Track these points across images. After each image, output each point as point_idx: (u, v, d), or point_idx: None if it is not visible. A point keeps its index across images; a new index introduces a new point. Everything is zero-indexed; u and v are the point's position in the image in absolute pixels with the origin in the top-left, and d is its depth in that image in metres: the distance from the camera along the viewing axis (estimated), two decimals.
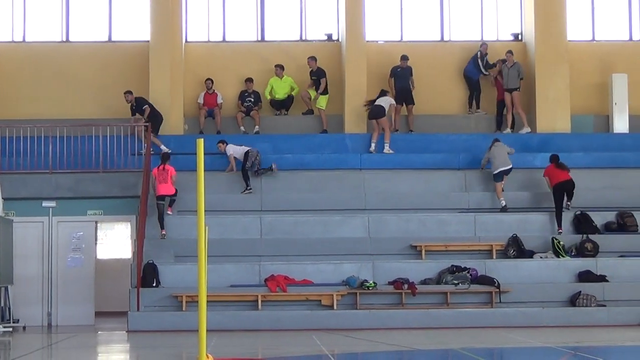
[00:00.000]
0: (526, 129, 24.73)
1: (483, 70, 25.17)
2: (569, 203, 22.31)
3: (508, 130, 24.75)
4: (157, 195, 21.68)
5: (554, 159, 22.52)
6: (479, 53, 25.23)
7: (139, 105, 23.87)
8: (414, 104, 24.90)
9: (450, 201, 22.82)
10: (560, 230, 22.00)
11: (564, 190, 22.24)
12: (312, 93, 25.00)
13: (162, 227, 21.63)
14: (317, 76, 24.92)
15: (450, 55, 25.67)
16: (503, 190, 22.62)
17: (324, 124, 24.95)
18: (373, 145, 24.10)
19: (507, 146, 23.00)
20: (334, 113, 25.14)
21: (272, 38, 26.01)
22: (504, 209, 22.41)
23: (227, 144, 23.11)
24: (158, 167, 21.88)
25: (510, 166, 22.71)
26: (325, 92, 24.86)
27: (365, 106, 24.25)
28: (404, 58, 24.84)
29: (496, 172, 22.67)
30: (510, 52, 24.86)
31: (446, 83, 25.43)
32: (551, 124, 24.83)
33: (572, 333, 18.36)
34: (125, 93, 23.95)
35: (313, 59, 24.90)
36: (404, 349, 16.19)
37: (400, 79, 24.83)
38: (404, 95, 24.82)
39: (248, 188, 22.62)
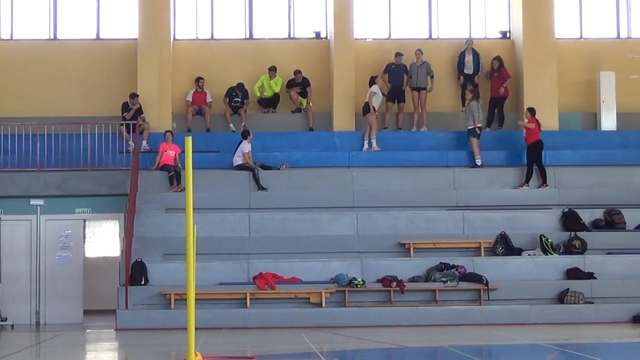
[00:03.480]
0: (424, 128, 24.90)
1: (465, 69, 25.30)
2: (546, 185, 23.02)
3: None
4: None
5: (535, 112, 23.37)
6: (465, 50, 25.29)
7: (140, 110, 23.89)
8: (404, 102, 24.92)
9: (439, 199, 22.85)
10: (527, 186, 22.95)
11: (539, 150, 23.10)
12: (303, 101, 25.05)
13: (178, 183, 22.48)
14: (303, 86, 24.96)
15: (439, 53, 25.66)
16: None
17: (310, 121, 24.96)
18: (366, 143, 24.13)
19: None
20: (322, 111, 25.15)
21: (260, 36, 26.00)
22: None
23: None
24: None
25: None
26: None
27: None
28: (399, 55, 24.86)
29: (478, 126, 23.62)
30: (419, 50, 24.91)
31: (435, 81, 25.40)
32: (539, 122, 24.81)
33: (560, 330, 18.40)
34: (132, 97, 23.88)
35: (299, 72, 24.92)
36: (392, 346, 16.21)
37: (394, 77, 24.85)
38: (396, 93, 24.83)
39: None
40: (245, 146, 23.15)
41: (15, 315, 21.93)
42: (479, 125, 23.72)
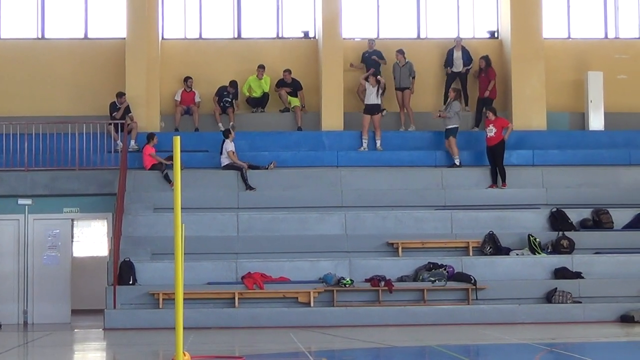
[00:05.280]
0: (412, 127, 24.88)
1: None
2: (504, 184, 23.05)
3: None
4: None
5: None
6: (453, 49, 25.32)
7: (128, 109, 23.87)
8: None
9: (427, 198, 22.87)
10: (495, 186, 23.09)
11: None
12: (292, 100, 25.04)
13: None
14: (294, 87, 24.96)
15: (427, 53, 25.69)
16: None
17: (298, 121, 24.96)
18: (365, 142, 24.10)
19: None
20: (311, 110, 25.16)
21: (248, 35, 26.00)
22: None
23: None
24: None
25: None
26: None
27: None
28: (371, 41, 24.96)
29: (457, 126, 23.70)
30: (401, 51, 24.89)
31: (423, 80, 25.43)
32: (527, 121, 24.90)
33: (547, 329, 18.45)
34: (119, 95, 23.82)
35: (288, 71, 24.92)
36: (380, 346, 16.23)
37: (370, 64, 24.86)
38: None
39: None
40: (229, 145, 23.14)
41: (3, 314, 21.88)
42: (457, 125, 23.73)
